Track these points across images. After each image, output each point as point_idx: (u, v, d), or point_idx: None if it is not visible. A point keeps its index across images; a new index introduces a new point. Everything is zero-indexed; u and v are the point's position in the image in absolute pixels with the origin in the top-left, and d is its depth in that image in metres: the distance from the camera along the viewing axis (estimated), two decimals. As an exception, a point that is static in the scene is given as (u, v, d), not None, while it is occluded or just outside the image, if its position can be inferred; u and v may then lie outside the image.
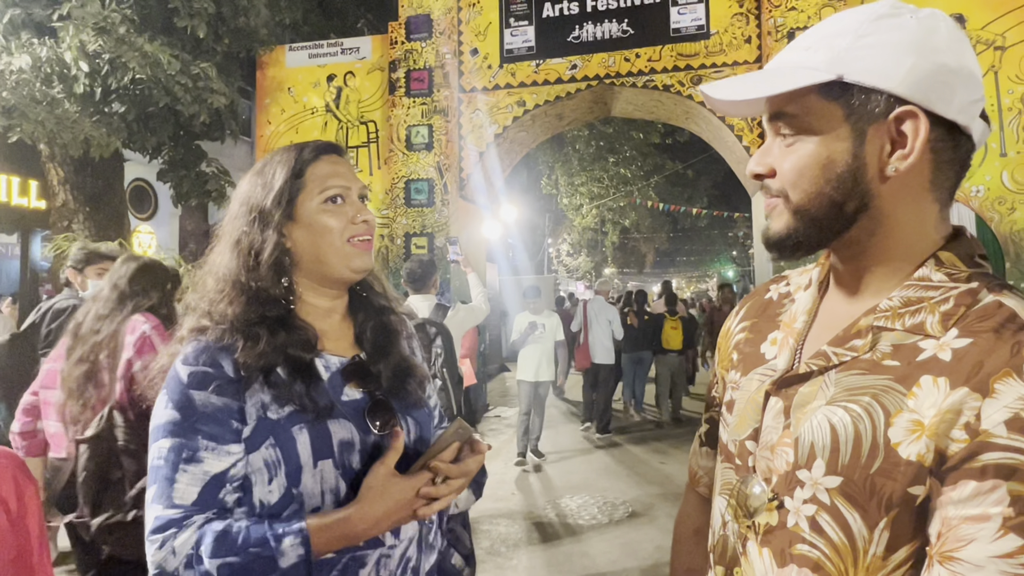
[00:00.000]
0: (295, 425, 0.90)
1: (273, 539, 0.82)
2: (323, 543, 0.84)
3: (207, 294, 0.97)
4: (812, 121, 0.67)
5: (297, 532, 0.83)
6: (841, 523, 0.65)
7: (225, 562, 0.80)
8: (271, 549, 0.81)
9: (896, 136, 0.65)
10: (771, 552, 0.70)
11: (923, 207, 0.68)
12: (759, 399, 0.75)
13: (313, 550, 0.83)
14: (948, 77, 0.64)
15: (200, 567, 0.80)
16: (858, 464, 0.64)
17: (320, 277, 0.99)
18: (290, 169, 0.98)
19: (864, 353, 0.67)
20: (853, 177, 0.67)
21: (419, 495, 0.88)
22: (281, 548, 0.81)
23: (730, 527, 0.76)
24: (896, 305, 0.67)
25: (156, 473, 0.86)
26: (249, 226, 0.97)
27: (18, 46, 5.04)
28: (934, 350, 0.63)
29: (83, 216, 6.41)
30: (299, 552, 0.82)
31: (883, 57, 0.64)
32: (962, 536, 0.58)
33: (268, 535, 0.82)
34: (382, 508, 0.86)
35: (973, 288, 0.65)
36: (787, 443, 0.70)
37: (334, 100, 7.20)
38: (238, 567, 0.80)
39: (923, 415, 0.61)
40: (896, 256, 0.69)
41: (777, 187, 0.70)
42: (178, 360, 0.91)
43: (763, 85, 0.68)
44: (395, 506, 0.87)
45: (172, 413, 0.88)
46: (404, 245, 6.76)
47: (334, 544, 0.86)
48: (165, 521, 0.83)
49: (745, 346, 0.83)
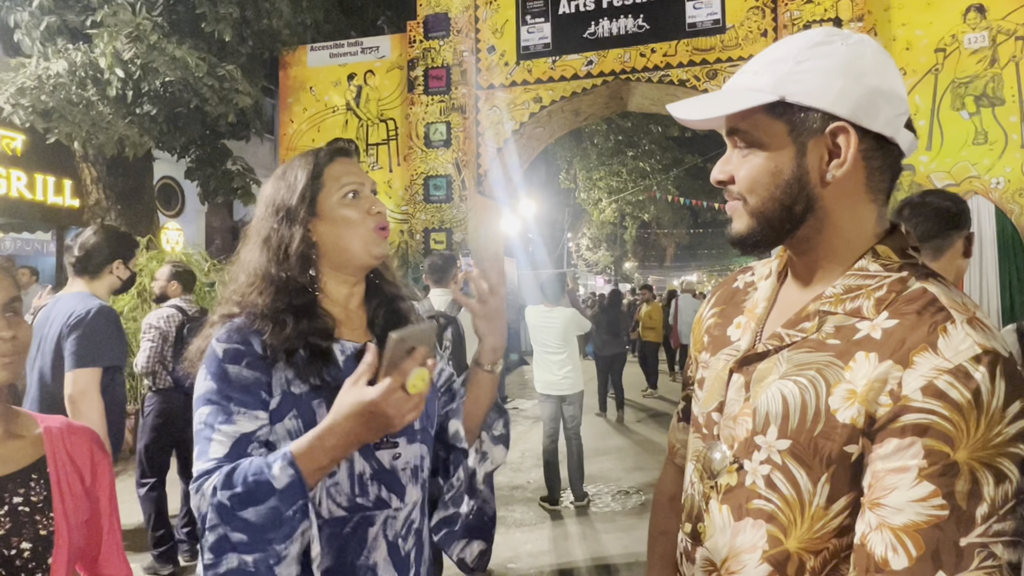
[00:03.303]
0: (315, 399, 1.03)
1: (266, 467, 0.91)
2: (308, 461, 0.91)
3: (239, 288, 1.09)
4: (761, 136, 0.78)
5: (283, 456, 0.91)
6: (791, 479, 0.75)
7: (233, 493, 0.91)
8: (266, 475, 0.91)
9: (832, 147, 0.76)
10: (729, 508, 0.81)
11: (861, 207, 0.78)
12: (724, 376, 0.86)
13: (302, 468, 0.91)
14: (874, 96, 0.74)
15: (214, 499, 0.92)
16: (804, 428, 0.74)
17: (342, 264, 1.12)
18: (310, 172, 1.11)
19: (812, 334, 0.78)
20: (799, 183, 0.77)
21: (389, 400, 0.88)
22: (273, 472, 0.91)
23: (696, 487, 0.87)
24: (838, 292, 0.77)
25: (198, 436, 0.99)
26: (278, 224, 1.09)
27: (54, 52, 5.26)
28: (868, 330, 0.73)
29: (115, 214, 6.66)
30: (289, 473, 0.90)
31: (817, 80, 0.74)
32: (887, 485, 0.68)
33: (263, 464, 0.92)
34: (355, 420, 0.90)
35: (903, 277, 0.75)
36: (747, 413, 0.81)
37: (354, 98, 7.35)
38: (243, 495, 0.91)
39: (856, 385, 0.71)
40: (839, 250, 0.79)
41: (737, 191, 0.81)
42: (213, 339, 1.04)
43: (717, 106, 0.79)
44: (368, 415, 0.89)
45: (210, 384, 1.01)
46: (423, 240, 6.90)
47: (321, 459, 0.92)
48: (201, 472, 0.96)
49: (714, 329, 0.93)
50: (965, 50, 5.98)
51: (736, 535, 0.79)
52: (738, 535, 0.79)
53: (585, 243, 22.69)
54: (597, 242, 22.49)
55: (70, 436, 1.05)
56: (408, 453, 1.10)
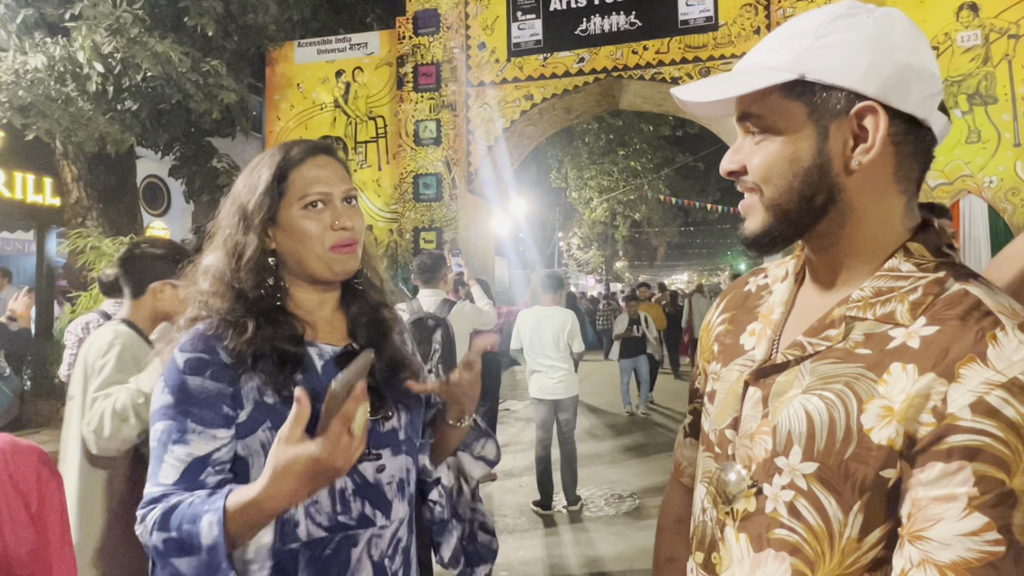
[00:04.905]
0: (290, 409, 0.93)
1: (199, 517, 0.81)
2: (241, 521, 0.81)
3: (203, 290, 1.01)
4: (777, 120, 0.70)
5: (215, 510, 0.80)
6: (818, 507, 0.67)
7: (168, 537, 0.82)
8: (196, 528, 0.81)
9: (858, 131, 0.67)
10: (748, 537, 0.72)
11: (889, 199, 0.70)
12: (738, 389, 0.77)
13: (232, 528, 0.81)
14: (905, 73, 0.66)
15: (151, 539, 0.84)
16: (833, 450, 0.66)
17: (305, 277, 1.02)
18: (272, 173, 0.99)
19: (837, 342, 0.69)
20: (819, 171, 0.68)
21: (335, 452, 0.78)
22: (201, 526, 0.80)
23: (709, 513, 0.78)
24: (867, 295, 0.69)
25: (153, 453, 0.91)
26: (234, 227, 1.00)
27: (32, 46, 5.12)
28: (903, 338, 0.65)
29: (96, 213, 6.51)
30: (214, 534, 0.80)
31: (842, 55, 0.66)
32: (930, 516, 0.60)
33: (197, 512, 0.81)
34: (296, 480, 0.78)
35: (940, 277, 0.67)
36: (765, 431, 0.72)
37: (343, 96, 7.24)
38: (175, 542, 0.82)
39: (893, 401, 0.63)
40: (866, 247, 0.71)
41: (751, 181, 0.73)
42: (176, 348, 0.95)
43: (728, 86, 0.71)
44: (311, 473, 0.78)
45: (167, 397, 0.92)
46: (413, 240, 6.80)
47: (256, 519, 0.82)
48: (148, 499, 0.88)
49: (725, 337, 0.85)
50: (958, 48, 5.96)
51: (756, 568, 0.70)
52: (758, 568, 0.70)
53: (576, 242, 22.64)
54: (588, 241, 22.44)
55: (13, 456, 0.95)
56: (393, 466, 1.02)
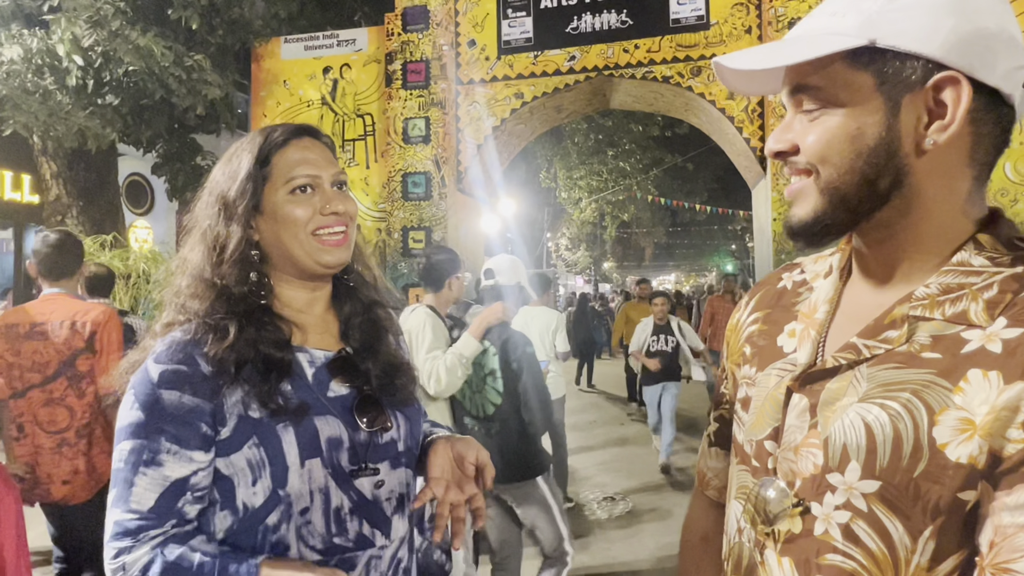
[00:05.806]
0: (280, 423, 0.84)
1: None
2: None
3: (180, 290, 0.91)
4: (839, 92, 0.62)
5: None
6: (880, 531, 0.59)
7: None
8: None
9: (934, 106, 0.60)
10: (792, 561, 0.64)
11: (960, 184, 0.62)
12: (779, 396, 0.69)
13: None
14: (991, 41, 0.58)
15: None
16: (899, 467, 0.58)
17: (292, 271, 0.93)
18: (254, 157, 0.90)
19: (899, 345, 0.61)
20: (886, 151, 0.61)
21: None
22: None
23: (746, 534, 0.70)
24: (934, 292, 0.61)
25: (116, 476, 0.81)
26: (214, 219, 0.91)
27: (8, 37, 4.96)
28: (981, 341, 0.57)
29: (76, 211, 6.34)
30: None
31: (920, 19, 0.58)
32: (1018, 546, 0.52)
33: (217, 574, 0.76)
34: None
35: (1018, 273, 0.59)
36: (814, 444, 0.64)
37: (330, 93, 7.12)
38: None
39: (974, 413, 0.55)
40: (930, 239, 0.63)
41: (804, 162, 0.64)
42: (150, 358, 0.85)
43: (785, 53, 0.62)
44: None
45: (138, 414, 0.82)
46: (401, 239, 6.70)
47: None
48: (122, 529, 0.78)
49: (759, 339, 0.77)
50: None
51: None
52: None
53: (564, 243, 22.59)
54: (576, 242, 22.41)
55: None
56: (392, 480, 0.93)
